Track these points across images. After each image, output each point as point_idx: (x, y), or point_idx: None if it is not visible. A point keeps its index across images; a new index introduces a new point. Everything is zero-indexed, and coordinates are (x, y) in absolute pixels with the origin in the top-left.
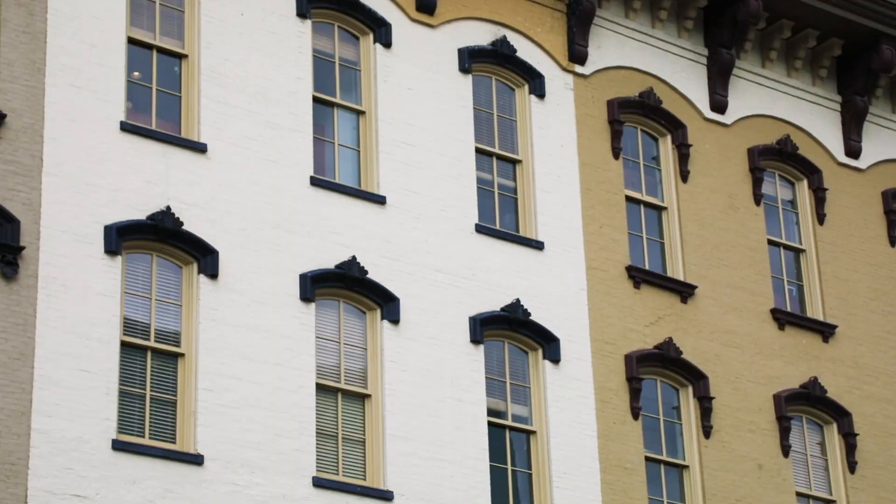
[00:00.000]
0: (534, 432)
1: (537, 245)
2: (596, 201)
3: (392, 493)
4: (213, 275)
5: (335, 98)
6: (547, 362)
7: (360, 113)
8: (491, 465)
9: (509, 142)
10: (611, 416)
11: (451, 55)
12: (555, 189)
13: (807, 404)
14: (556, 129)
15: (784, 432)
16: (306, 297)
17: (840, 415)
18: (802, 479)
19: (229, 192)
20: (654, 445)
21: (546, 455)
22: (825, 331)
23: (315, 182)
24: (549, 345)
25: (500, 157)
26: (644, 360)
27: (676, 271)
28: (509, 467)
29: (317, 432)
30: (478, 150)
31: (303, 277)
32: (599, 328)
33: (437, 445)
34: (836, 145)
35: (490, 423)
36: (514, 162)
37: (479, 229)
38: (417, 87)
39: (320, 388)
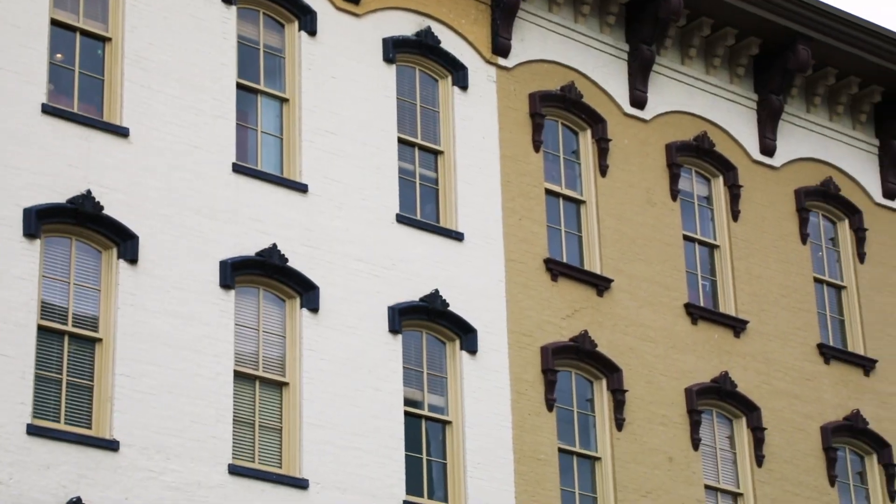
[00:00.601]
0: (449, 422)
1: (457, 236)
2: (516, 194)
3: (307, 481)
4: (132, 260)
5: (259, 85)
6: (464, 353)
7: (283, 100)
8: (406, 455)
9: (432, 132)
10: (526, 407)
11: (375, 45)
12: (476, 181)
13: (717, 398)
14: (478, 120)
15: (694, 425)
16: (226, 283)
17: (749, 409)
18: (711, 471)
19: (151, 176)
20: (567, 437)
21: (461, 445)
22: (737, 326)
23: (237, 169)
24: (466, 336)
25: (422, 148)
26: (560, 352)
27: (593, 265)
28: (424, 457)
29: (234, 420)
30: (400, 141)
31: (223, 264)
32: (517, 320)
33: (353, 434)
34: (751, 143)
35: (406, 413)
36: (436, 153)
37: (400, 219)
38: (341, 75)
39: (238, 376)
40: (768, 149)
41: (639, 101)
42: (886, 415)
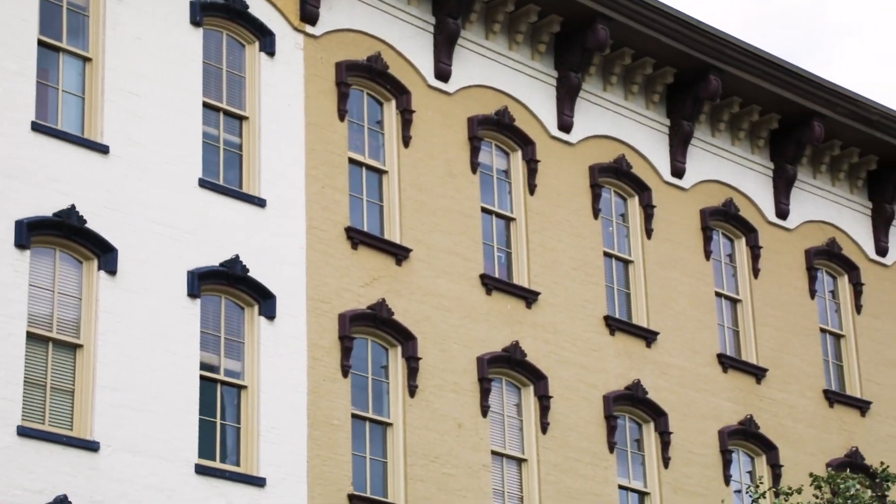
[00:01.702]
0: (245, 387)
1: (259, 202)
2: (320, 162)
3: (98, 443)
4: None
5: (61, 43)
6: (262, 318)
7: (86, 59)
8: (200, 419)
9: (237, 98)
10: (321, 373)
11: (182, 7)
12: (280, 148)
13: (507, 367)
14: (284, 88)
15: (484, 393)
16: (21, 243)
17: (537, 378)
18: (498, 438)
19: None
20: (361, 403)
21: (255, 410)
22: (529, 297)
23: (36, 128)
24: (265, 301)
25: (226, 113)
26: (357, 319)
27: (393, 234)
28: (218, 421)
29: (24, 381)
30: (205, 105)
31: (19, 224)
32: (316, 287)
33: (147, 397)
34: (550, 119)
35: (202, 377)
36: (241, 118)
37: (203, 184)
38: (147, 37)
39: (31, 337)
40: (566, 125)
41: (443, 73)
42: (665, 385)
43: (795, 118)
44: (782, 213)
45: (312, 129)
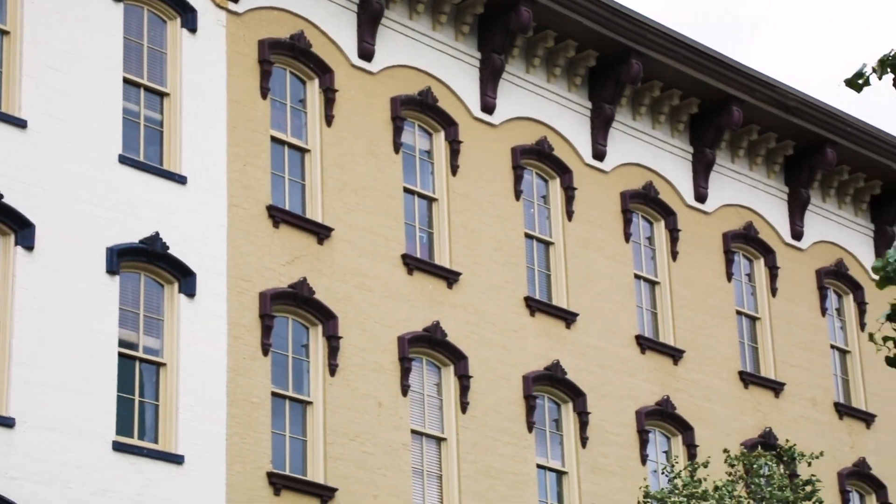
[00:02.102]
0: (164, 364)
1: (180, 179)
2: (241, 139)
3: (14, 419)
4: None
5: None
6: (182, 296)
7: (4, 32)
8: (118, 396)
9: (158, 74)
10: (241, 351)
11: None
12: (201, 125)
13: (428, 347)
14: (206, 65)
15: (405, 372)
16: None
17: (457, 358)
18: (418, 417)
19: None
20: (281, 381)
21: (174, 387)
22: (450, 277)
23: None
24: (185, 279)
25: (147, 89)
26: (278, 298)
27: (315, 213)
28: (137, 398)
29: None
30: (125, 81)
31: None
32: (236, 265)
33: (64, 374)
34: (472, 100)
35: (120, 355)
36: (162, 95)
37: (123, 160)
38: (67, 11)
39: None
40: (488, 106)
41: (367, 53)
42: (583, 365)
43: (715, 103)
44: (701, 196)
45: (234, 106)
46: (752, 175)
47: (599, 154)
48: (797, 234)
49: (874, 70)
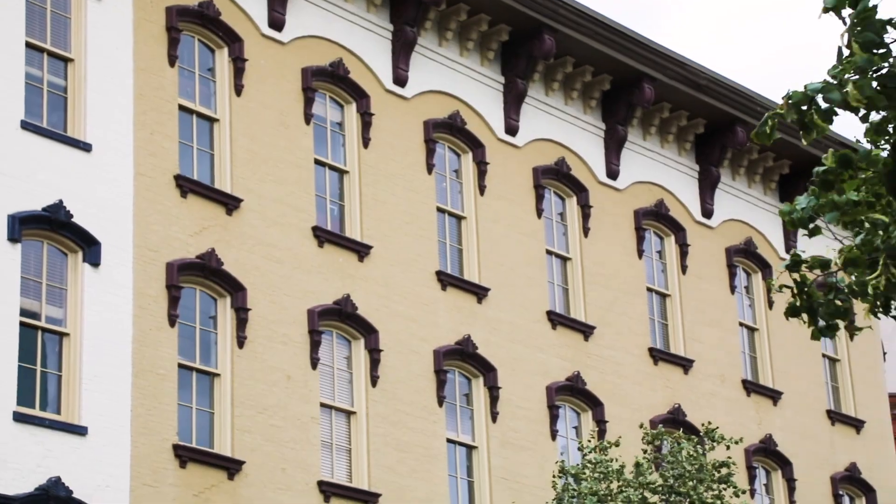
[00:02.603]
0: (67, 334)
1: (85, 147)
2: (148, 107)
3: None
4: None
5: None
6: (86, 265)
7: None
8: (19, 366)
9: (62, 39)
10: (148, 322)
11: None
12: (107, 92)
13: (338, 320)
14: (112, 30)
15: (315, 345)
16: None
17: (368, 331)
18: (328, 390)
19: None
20: (188, 353)
21: (77, 358)
22: (361, 250)
23: None
24: (89, 248)
25: (51, 54)
26: (185, 268)
27: (224, 183)
28: (38, 368)
29: None
30: (28, 45)
31: None
32: (143, 234)
33: None
34: (385, 73)
35: (22, 324)
36: (66, 60)
37: (25, 126)
38: None
39: None
40: (401, 79)
41: (277, 22)
42: (495, 340)
43: (627, 80)
44: (613, 173)
45: (141, 74)
46: (663, 153)
47: (512, 129)
48: (707, 212)
49: (779, 114)
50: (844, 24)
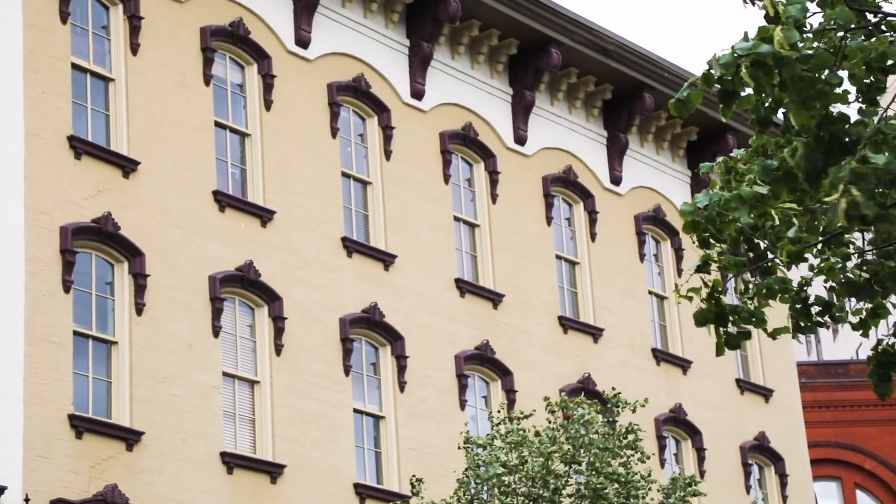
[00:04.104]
0: None
1: None
2: (39, 66)
3: None
4: None
5: None
6: None
7: None
8: None
9: None
10: (40, 288)
11: None
12: None
13: (241, 286)
14: None
15: (216, 313)
16: None
17: (272, 298)
18: (230, 359)
19: None
20: (84, 320)
21: None
22: (264, 216)
23: None
24: None
25: None
26: (80, 233)
27: (120, 145)
28: None
29: None
30: None
31: None
32: (35, 197)
33: None
34: (287, 33)
35: None
36: None
37: None
38: None
39: None
40: (303, 40)
41: None
42: (402, 308)
43: (534, 45)
44: (520, 139)
45: (31, 30)
46: (571, 118)
47: (418, 93)
48: (616, 179)
49: (699, 84)
50: None
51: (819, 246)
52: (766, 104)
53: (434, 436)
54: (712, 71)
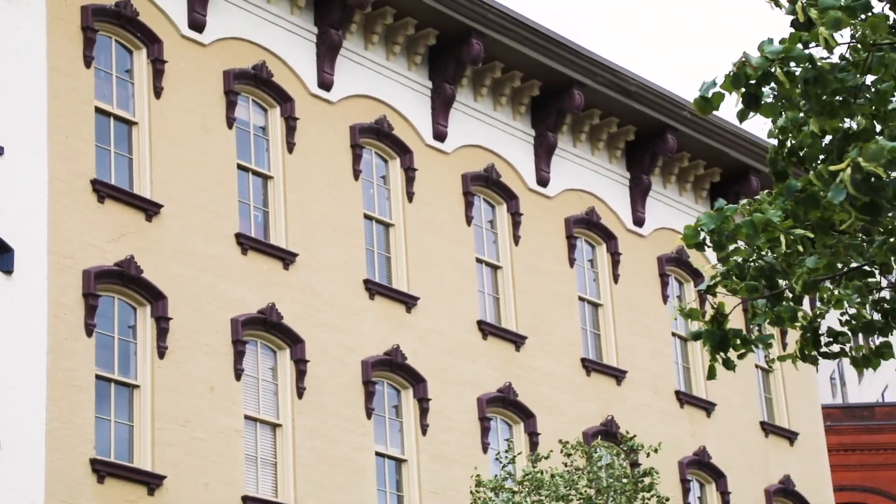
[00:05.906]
0: None
1: None
2: (63, 110)
3: None
4: None
5: None
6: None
7: None
8: None
9: None
10: (63, 331)
11: None
12: (19, 93)
13: (263, 329)
14: (24, 30)
15: (238, 356)
16: None
17: (294, 341)
18: (252, 402)
19: None
20: (106, 364)
21: None
22: (286, 258)
23: None
24: (2, 255)
25: None
26: (103, 276)
27: (143, 189)
28: None
29: None
30: None
31: None
32: (58, 241)
33: None
34: (309, 76)
35: None
36: None
37: None
38: None
39: None
40: (326, 83)
41: (198, 23)
42: (424, 350)
43: (556, 86)
44: (543, 180)
45: (55, 74)
46: (593, 160)
47: (440, 135)
48: (639, 221)
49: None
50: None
51: (836, 277)
52: (784, 152)
53: (456, 479)
54: (744, 69)
